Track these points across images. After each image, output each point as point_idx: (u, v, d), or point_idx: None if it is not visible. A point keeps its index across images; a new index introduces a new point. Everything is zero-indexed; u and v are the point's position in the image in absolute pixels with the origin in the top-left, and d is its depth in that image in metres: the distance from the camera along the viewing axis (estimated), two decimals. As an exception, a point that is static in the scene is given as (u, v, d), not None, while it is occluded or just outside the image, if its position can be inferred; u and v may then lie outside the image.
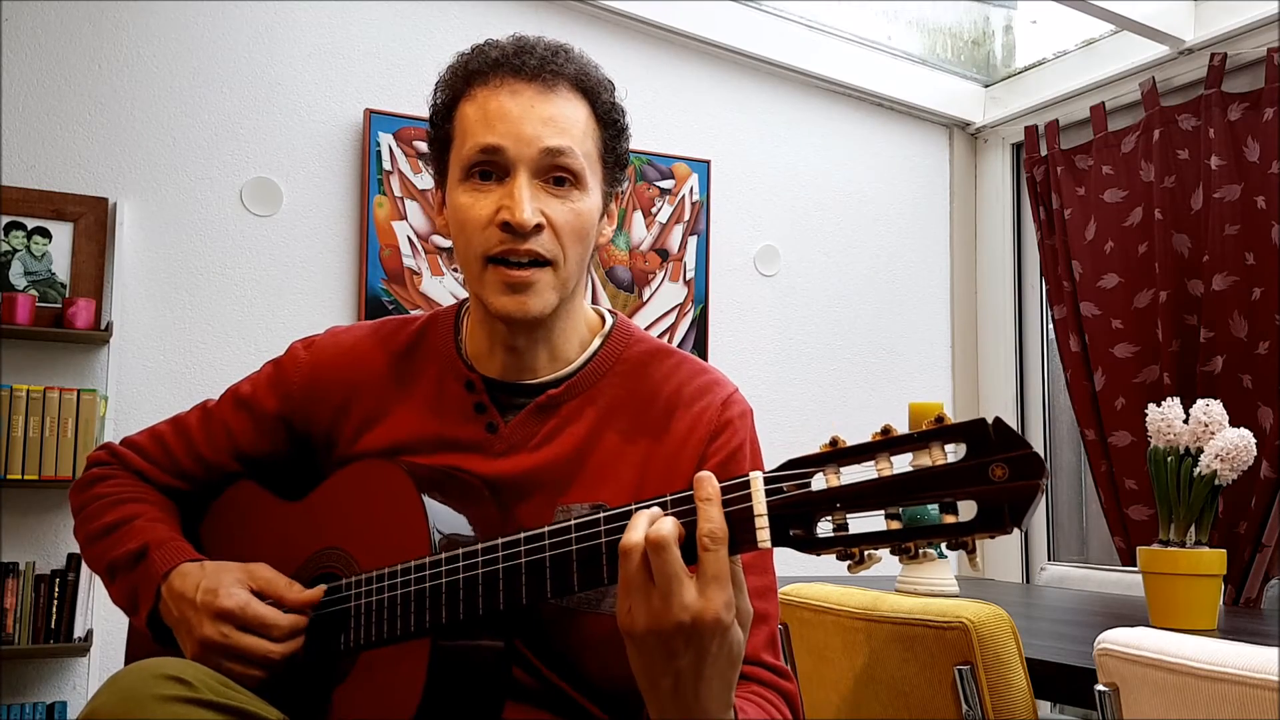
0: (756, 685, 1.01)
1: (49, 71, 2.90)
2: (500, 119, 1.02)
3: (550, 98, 1.04)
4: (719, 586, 0.78)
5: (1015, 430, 0.72)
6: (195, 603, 1.01)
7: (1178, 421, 1.72)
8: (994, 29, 4.16)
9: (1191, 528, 1.70)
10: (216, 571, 1.04)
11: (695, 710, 0.81)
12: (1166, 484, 1.72)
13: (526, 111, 1.02)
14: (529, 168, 1.02)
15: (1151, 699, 1.16)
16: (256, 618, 1.00)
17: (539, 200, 1.03)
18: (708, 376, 1.12)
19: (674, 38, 3.68)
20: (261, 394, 1.19)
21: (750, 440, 1.10)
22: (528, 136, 1.02)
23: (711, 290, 3.70)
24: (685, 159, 3.67)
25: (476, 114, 1.04)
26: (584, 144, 1.05)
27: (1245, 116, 3.18)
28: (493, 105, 1.03)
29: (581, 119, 1.06)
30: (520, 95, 1.03)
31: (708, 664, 0.79)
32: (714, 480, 0.81)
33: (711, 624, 0.78)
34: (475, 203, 1.04)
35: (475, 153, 1.03)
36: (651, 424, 1.08)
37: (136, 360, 2.93)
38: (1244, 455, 1.65)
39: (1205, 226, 3.21)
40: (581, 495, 1.06)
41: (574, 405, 1.10)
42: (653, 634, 0.79)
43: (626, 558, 0.80)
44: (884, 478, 0.76)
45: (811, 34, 3.86)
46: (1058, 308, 3.68)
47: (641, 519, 0.81)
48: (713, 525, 0.79)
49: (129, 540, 1.11)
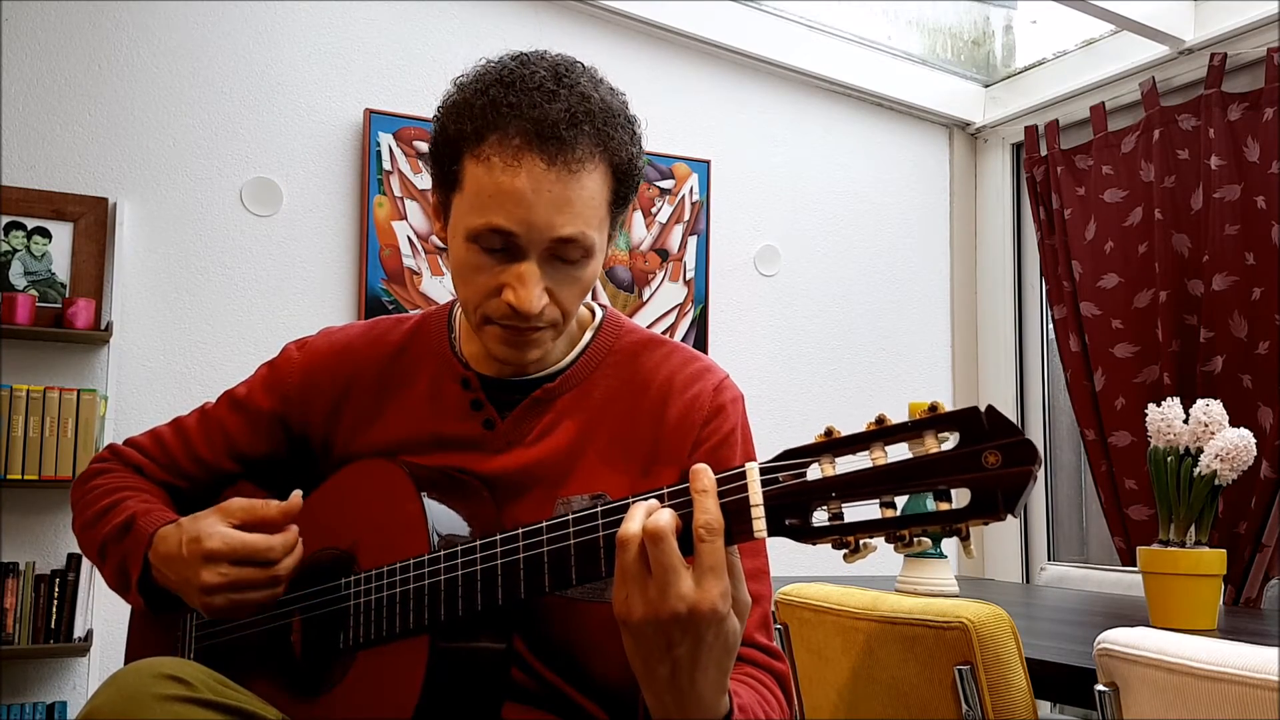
0: (749, 666, 1.02)
1: (49, 71, 2.90)
2: (516, 204, 0.96)
3: (568, 181, 0.97)
4: (715, 577, 0.79)
5: (1008, 417, 0.72)
6: (184, 557, 1.01)
7: (1178, 421, 1.72)
8: (994, 29, 4.16)
9: (1191, 528, 1.70)
10: (192, 521, 1.04)
11: (691, 697, 0.81)
12: (1166, 484, 1.72)
13: (543, 198, 0.96)
14: (538, 251, 0.99)
15: (1151, 699, 1.16)
16: (246, 546, 1.00)
17: (546, 278, 1.00)
18: (699, 363, 1.13)
19: (674, 38, 3.68)
20: (257, 395, 1.20)
21: (742, 425, 1.11)
22: (541, 225, 0.97)
23: (711, 290, 3.70)
24: (685, 159, 3.67)
25: (490, 188, 0.97)
26: (598, 214, 1.01)
27: (1245, 116, 3.18)
28: (507, 186, 0.96)
29: (598, 191, 1.00)
30: (538, 181, 0.96)
31: (704, 653, 0.80)
32: (709, 472, 0.82)
33: (708, 614, 0.78)
34: (481, 269, 1.00)
35: (484, 229, 0.98)
36: (646, 412, 1.09)
37: (136, 360, 2.93)
38: (1244, 455, 1.65)
39: (1205, 226, 3.21)
40: (581, 487, 1.06)
41: (569, 398, 1.10)
42: (649, 623, 0.79)
43: (624, 548, 0.81)
44: (878, 466, 0.77)
45: (811, 34, 3.86)
46: (1058, 308, 3.68)
47: (639, 510, 0.82)
48: (709, 517, 0.80)
49: (116, 516, 1.12)
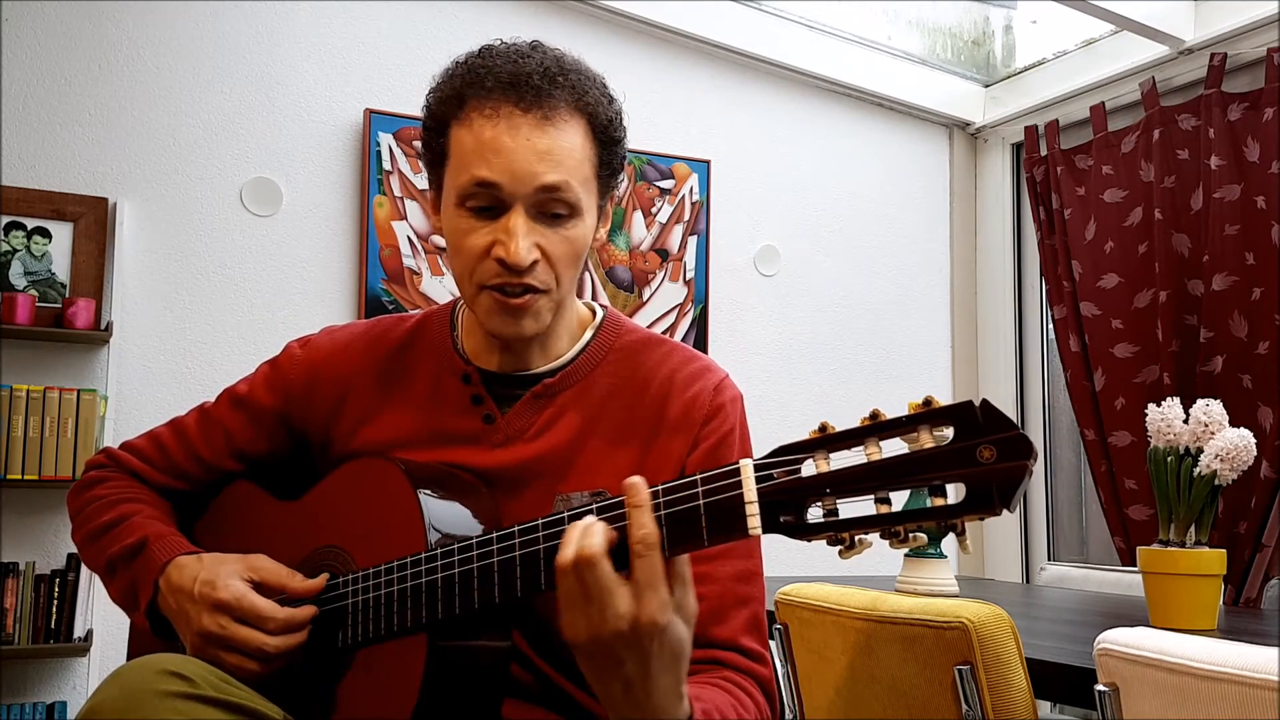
0: (729, 671, 1.02)
1: (49, 71, 2.90)
2: (495, 153, 1.00)
3: (547, 129, 1.01)
4: (653, 591, 0.79)
5: (1002, 412, 0.72)
6: (193, 595, 1.01)
7: (1178, 421, 1.72)
8: (994, 29, 4.16)
9: (1191, 528, 1.70)
10: (214, 564, 1.04)
11: (648, 708, 0.82)
12: (1166, 484, 1.72)
13: (522, 145, 1.00)
14: (525, 203, 1.02)
15: (1151, 699, 1.16)
16: (253, 609, 1.00)
17: (535, 234, 1.03)
18: (699, 363, 1.14)
19: (674, 38, 3.68)
20: (259, 393, 1.20)
21: (740, 425, 1.12)
22: (523, 174, 1.01)
23: (711, 290, 3.70)
24: (685, 159, 3.67)
25: (472, 143, 1.02)
26: (581, 170, 1.04)
27: (1245, 116, 3.18)
28: (488, 136, 1.01)
29: (578, 144, 1.04)
30: (517, 128, 1.01)
31: (652, 664, 0.81)
32: (644, 486, 0.82)
33: (648, 627, 0.79)
34: (471, 231, 1.04)
35: (470, 185, 1.02)
36: (646, 410, 1.09)
37: (136, 360, 2.93)
38: (1244, 455, 1.65)
39: (1205, 226, 3.21)
40: (580, 483, 1.07)
41: (569, 395, 1.11)
42: (594, 643, 0.80)
43: (562, 576, 0.81)
44: (873, 462, 0.77)
45: (811, 34, 3.86)
46: (1058, 308, 3.68)
47: (574, 533, 0.82)
48: (644, 531, 0.80)
49: (127, 535, 1.11)
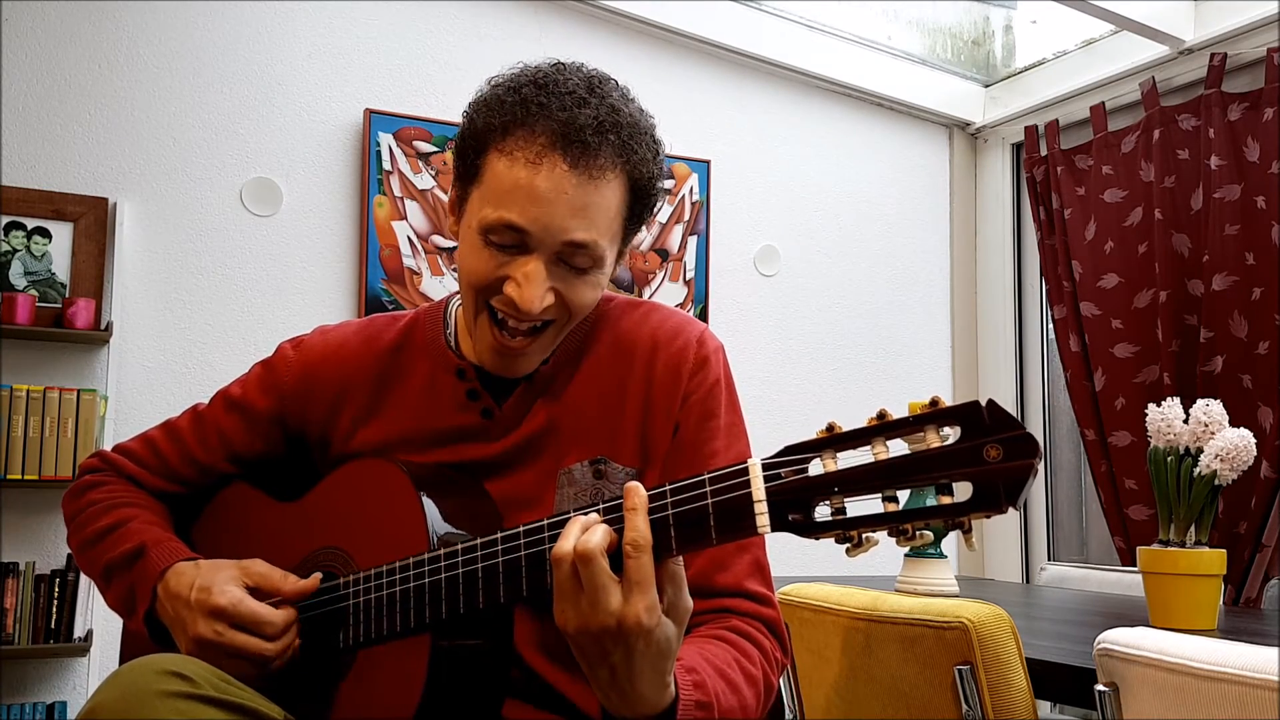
0: (736, 619, 1.03)
1: (49, 71, 2.90)
2: (531, 201, 0.98)
3: (586, 186, 0.98)
4: (641, 592, 0.82)
5: (1009, 411, 0.73)
6: (189, 601, 1.01)
7: (1178, 421, 1.72)
8: (994, 29, 4.16)
9: (1191, 528, 1.70)
10: (211, 569, 1.04)
11: (632, 696, 0.85)
12: (1166, 484, 1.72)
13: (560, 199, 0.98)
14: (548, 251, 1.00)
15: (1151, 699, 1.16)
16: (250, 614, 1.00)
17: (553, 278, 1.02)
18: (678, 318, 1.15)
19: (674, 38, 3.68)
20: (253, 395, 1.19)
21: (725, 375, 1.14)
22: (555, 228, 0.98)
23: (711, 290, 3.70)
24: (685, 159, 3.67)
25: (509, 182, 0.98)
26: (612, 227, 1.02)
27: (1245, 116, 3.18)
28: (525, 180, 0.98)
29: (615, 202, 1.02)
30: (557, 180, 0.97)
31: (637, 659, 0.83)
32: (641, 490, 0.84)
33: (634, 627, 0.81)
34: (490, 259, 1.02)
35: (498, 224, 0.99)
36: (636, 370, 1.11)
37: (136, 360, 2.93)
38: (1244, 455, 1.65)
39: (1205, 226, 3.21)
40: (580, 453, 1.08)
41: (564, 374, 1.12)
42: (583, 634, 0.83)
43: (558, 565, 0.83)
44: (880, 461, 0.77)
45: (811, 34, 3.86)
46: (1058, 308, 3.68)
47: (574, 527, 0.84)
48: (636, 534, 0.82)
49: (124, 541, 1.11)
